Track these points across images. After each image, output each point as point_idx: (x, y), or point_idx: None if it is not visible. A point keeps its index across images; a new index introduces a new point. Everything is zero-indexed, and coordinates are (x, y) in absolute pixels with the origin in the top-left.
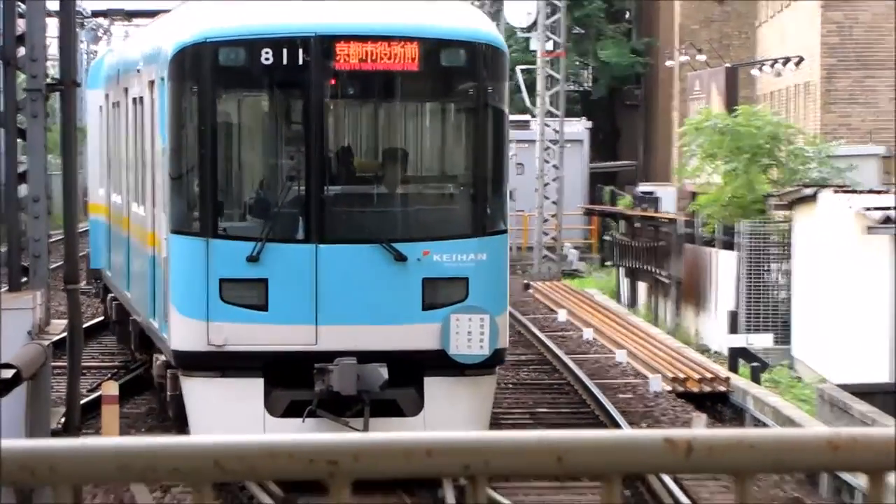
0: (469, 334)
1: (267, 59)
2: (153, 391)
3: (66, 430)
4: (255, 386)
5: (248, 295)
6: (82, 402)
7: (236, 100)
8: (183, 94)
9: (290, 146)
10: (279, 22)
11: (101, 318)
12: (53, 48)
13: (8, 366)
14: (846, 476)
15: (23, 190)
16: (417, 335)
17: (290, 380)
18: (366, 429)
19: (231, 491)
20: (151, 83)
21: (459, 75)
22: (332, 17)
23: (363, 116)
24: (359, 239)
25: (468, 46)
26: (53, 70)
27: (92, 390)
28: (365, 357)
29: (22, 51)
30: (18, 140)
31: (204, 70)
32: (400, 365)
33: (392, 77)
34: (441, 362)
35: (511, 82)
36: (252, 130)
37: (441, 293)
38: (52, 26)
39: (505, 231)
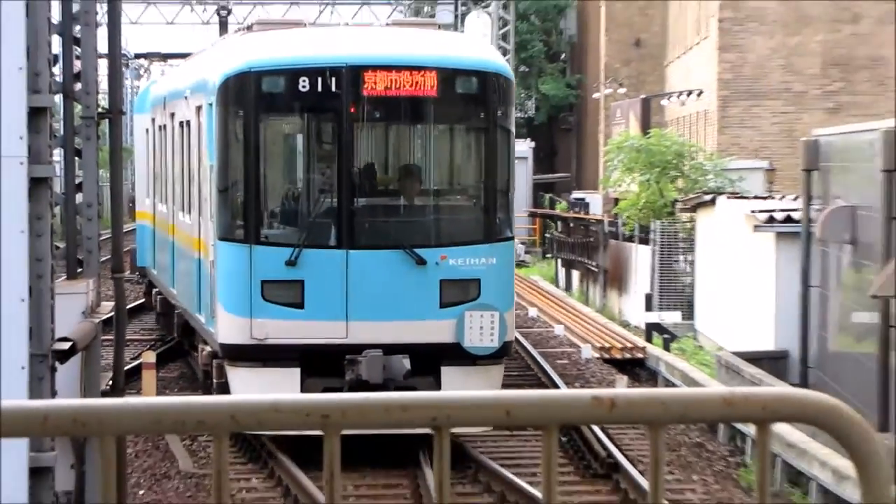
0: (481, 329)
1: (303, 86)
2: (184, 359)
3: (113, 391)
4: (293, 375)
5: (287, 294)
6: (126, 368)
7: (276, 122)
8: (229, 117)
9: (324, 163)
10: (315, 54)
11: (142, 300)
12: (104, 84)
13: (65, 339)
14: (739, 426)
15: (78, 198)
16: (435, 330)
17: (323, 369)
18: None
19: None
20: (198, 108)
21: (472, 100)
22: (361, 50)
23: (388, 137)
24: (384, 245)
25: (480, 75)
26: (103, 101)
27: (134, 359)
28: (389, 349)
29: (78, 86)
30: (75, 158)
31: (248, 96)
32: (420, 356)
33: (413, 102)
34: (456, 353)
35: None
36: (290, 149)
37: (456, 293)
38: (103, 66)
39: (512, 238)
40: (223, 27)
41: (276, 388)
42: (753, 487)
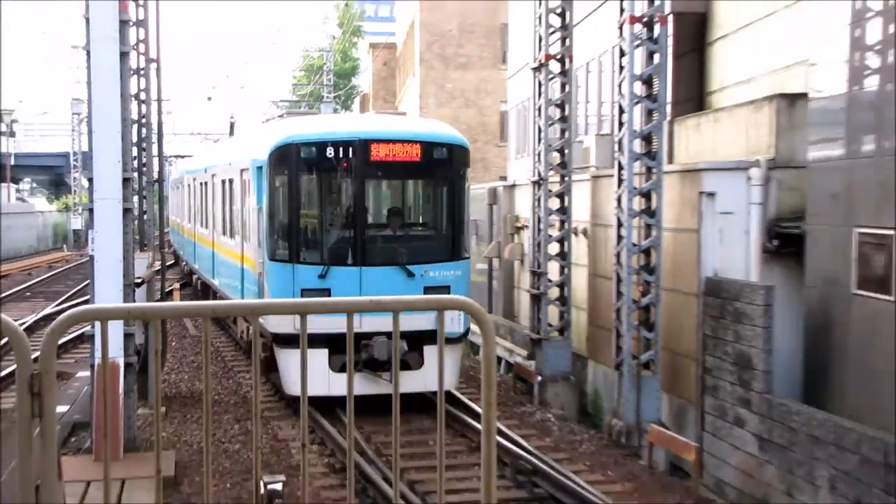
0: (451, 320)
1: (330, 153)
2: (191, 287)
3: (161, 299)
4: (323, 354)
5: (319, 297)
6: (166, 291)
7: (310, 178)
8: (276, 175)
9: (343, 206)
10: (336, 130)
11: (172, 261)
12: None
13: (139, 278)
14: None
15: (145, 216)
16: (421, 321)
17: (343, 348)
18: (391, 380)
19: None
20: (242, 171)
21: (443, 163)
22: (369, 128)
23: (387, 187)
24: (386, 263)
25: (448, 146)
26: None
27: (172, 288)
28: (390, 335)
29: (144, 167)
30: (143, 199)
31: (290, 160)
32: (411, 339)
33: (404, 164)
34: (434, 337)
35: None
36: (320, 197)
37: (434, 294)
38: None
39: (468, 257)
40: (231, 130)
41: (311, 362)
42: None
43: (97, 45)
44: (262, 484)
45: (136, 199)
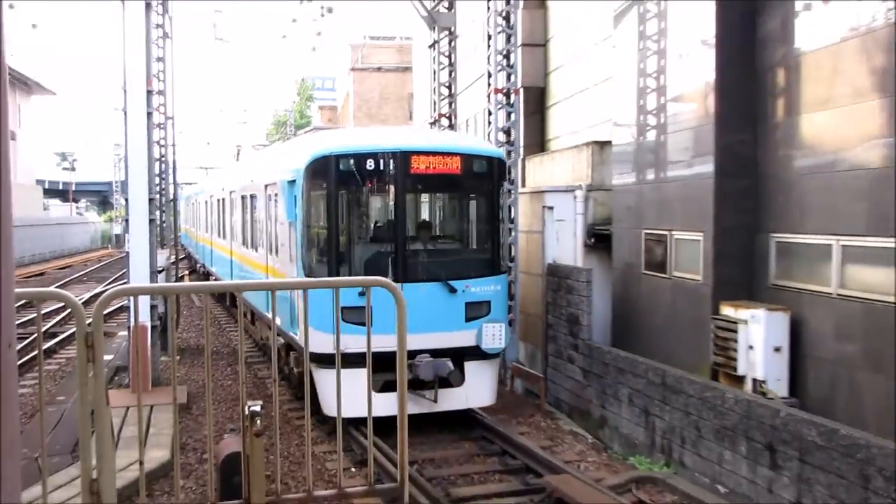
0: (493, 335)
1: (369, 165)
2: (197, 274)
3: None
4: (362, 374)
5: (359, 316)
6: (179, 276)
7: (349, 191)
8: (312, 188)
9: (383, 220)
10: (376, 143)
11: (183, 256)
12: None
13: (160, 267)
14: None
15: (164, 224)
16: (462, 337)
17: (382, 367)
18: (435, 400)
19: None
20: (266, 185)
21: (482, 176)
22: (409, 140)
23: (427, 201)
24: (427, 279)
25: (487, 159)
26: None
27: (183, 274)
28: (432, 353)
29: (162, 191)
30: (163, 213)
31: (328, 172)
32: (452, 355)
33: (444, 177)
34: (474, 352)
35: None
36: (359, 210)
37: (475, 311)
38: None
39: (507, 271)
40: (238, 156)
41: (350, 381)
42: None
43: (132, 108)
44: (246, 407)
45: (158, 213)
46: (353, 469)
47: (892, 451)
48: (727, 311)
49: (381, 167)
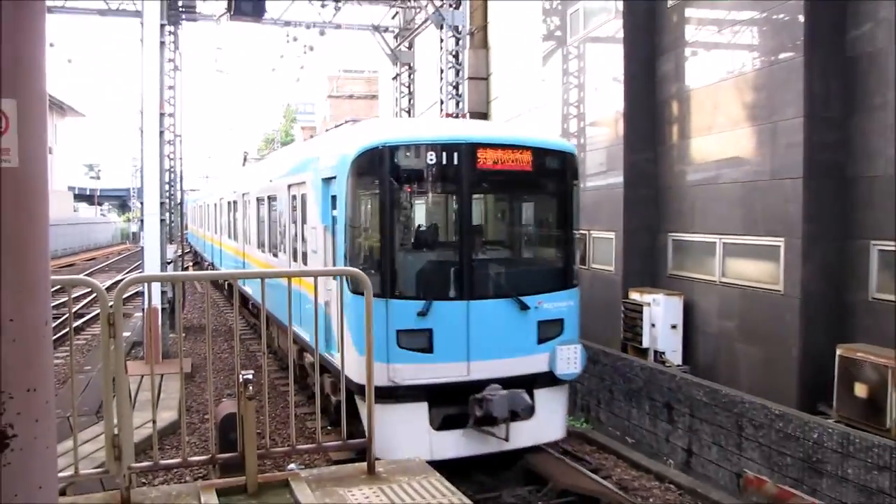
0: (568, 359)
1: (430, 159)
2: (199, 264)
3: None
4: (422, 408)
5: (418, 341)
6: (185, 266)
7: (405, 189)
8: (359, 187)
9: (447, 226)
10: (438, 133)
11: (188, 250)
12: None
13: (169, 259)
14: None
15: (172, 224)
16: (535, 362)
17: (443, 400)
18: (507, 438)
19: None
20: (289, 186)
21: (555, 173)
22: (475, 131)
23: (495, 202)
24: (497, 295)
25: (560, 154)
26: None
27: (187, 266)
28: (503, 382)
29: (171, 196)
30: (171, 214)
31: (382, 167)
32: (521, 384)
33: (515, 174)
34: (546, 378)
35: None
36: (417, 213)
37: (548, 331)
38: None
39: (578, 284)
40: (244, 161)
41: (406, 418)
42: None
43: (147, 128)
44: (240, 375)
45: (167, 214)
46: (329, 428)
47: (760, 406)
48: (634, 295)
49: (444, 161)
